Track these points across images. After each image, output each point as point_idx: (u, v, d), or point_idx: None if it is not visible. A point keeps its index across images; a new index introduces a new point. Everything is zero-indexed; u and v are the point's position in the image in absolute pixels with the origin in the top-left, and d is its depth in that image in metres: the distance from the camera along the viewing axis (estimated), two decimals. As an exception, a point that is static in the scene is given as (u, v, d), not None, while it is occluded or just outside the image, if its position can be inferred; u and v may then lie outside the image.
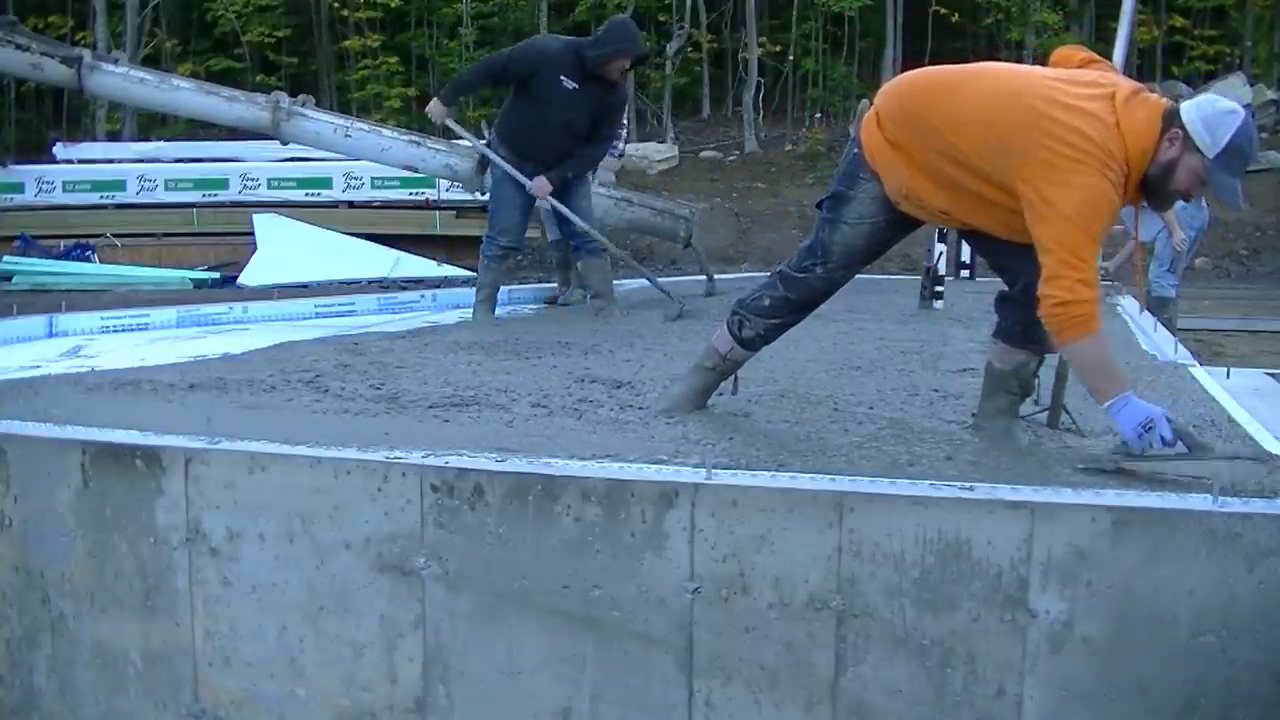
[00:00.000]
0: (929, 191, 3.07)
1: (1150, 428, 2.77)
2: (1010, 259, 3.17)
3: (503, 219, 6.27)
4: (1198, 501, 2.45)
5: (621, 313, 6.38)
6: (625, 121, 8.18)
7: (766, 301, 3.34)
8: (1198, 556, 2.38)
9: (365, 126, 8.49)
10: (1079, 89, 2.89)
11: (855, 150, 3.20)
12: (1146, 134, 2.80)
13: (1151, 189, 2.89)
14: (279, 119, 7.90)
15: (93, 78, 8.00)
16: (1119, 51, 3.33)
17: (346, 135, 8.09)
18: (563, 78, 5.97)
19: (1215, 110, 2.80)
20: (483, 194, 6.77)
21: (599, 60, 5.98)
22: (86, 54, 8.26)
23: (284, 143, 8.58)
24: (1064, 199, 2.78)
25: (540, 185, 6.17)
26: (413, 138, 8.41)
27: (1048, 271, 2.80)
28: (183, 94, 8.29)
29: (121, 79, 8.18)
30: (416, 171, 9.04)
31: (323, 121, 8.21)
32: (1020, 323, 3.19)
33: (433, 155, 8.03)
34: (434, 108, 6.23)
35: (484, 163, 6.44)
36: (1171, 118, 2.81)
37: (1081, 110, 2.82)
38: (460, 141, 6.98)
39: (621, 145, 8.13)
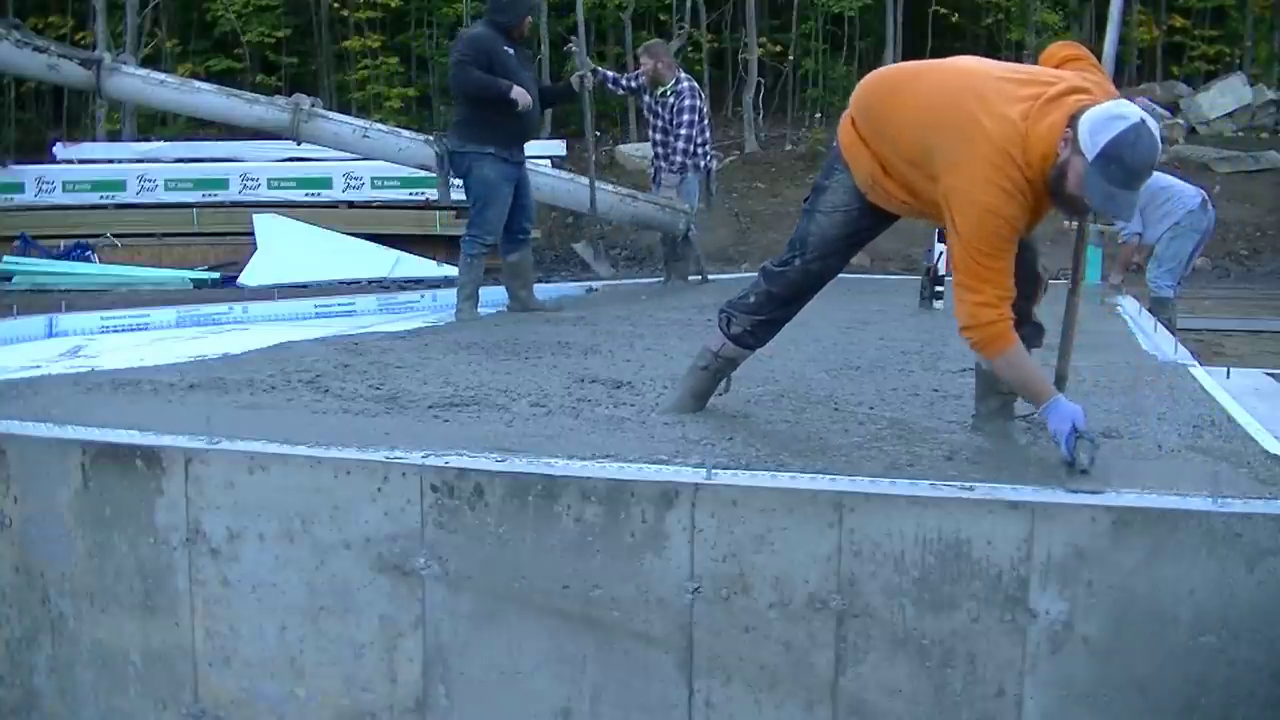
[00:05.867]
0: (890, 183, 3.11)
1: (1076, 431, 2.76)
2: None
3: (493, 217, 6.42)
4: (1198, 502, 2.45)
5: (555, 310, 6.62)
6: (705, 127, 8.33)
7: (752, 298, 3.38)
8: (1198, 556, 2.38)
9: (383, 128, 8.59)
10: (1014, 88, 2.87)
11: (835, 143, 3.27)
12: (1049, 137, 2.77)
13: (1055, 193, 2.83)
14: (299, 121, 7.96)
15: (111, 80, 8.03)
16: (1108, 49, 3.32)
17: (365, 136, 8.17)
18: (505, 49, 6.37)
19: (1105, 114, 2.72)
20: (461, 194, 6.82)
21: (514, 23, 6.43)
22: (106, 56, 8.29)
23: (299, 143, 8.63)
24: (962, 218, 2.84)
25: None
26: (429, 138, 8.48)
27: (954, 287, 2.91)
28: (204, 96, 8.34)
29: (141, 81, 8.22)
30: (433, 172, 9.11)
31: (342, 123, 8.30)
32: None
33: None
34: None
35: (442, 162, 6.50)
36: (1075, 120, 2.76)
37: (997, 113, 2.82)
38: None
39: (680, 158, 8.20)
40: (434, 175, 6.83)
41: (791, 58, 21.66)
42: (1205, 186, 8.76)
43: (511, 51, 6.38)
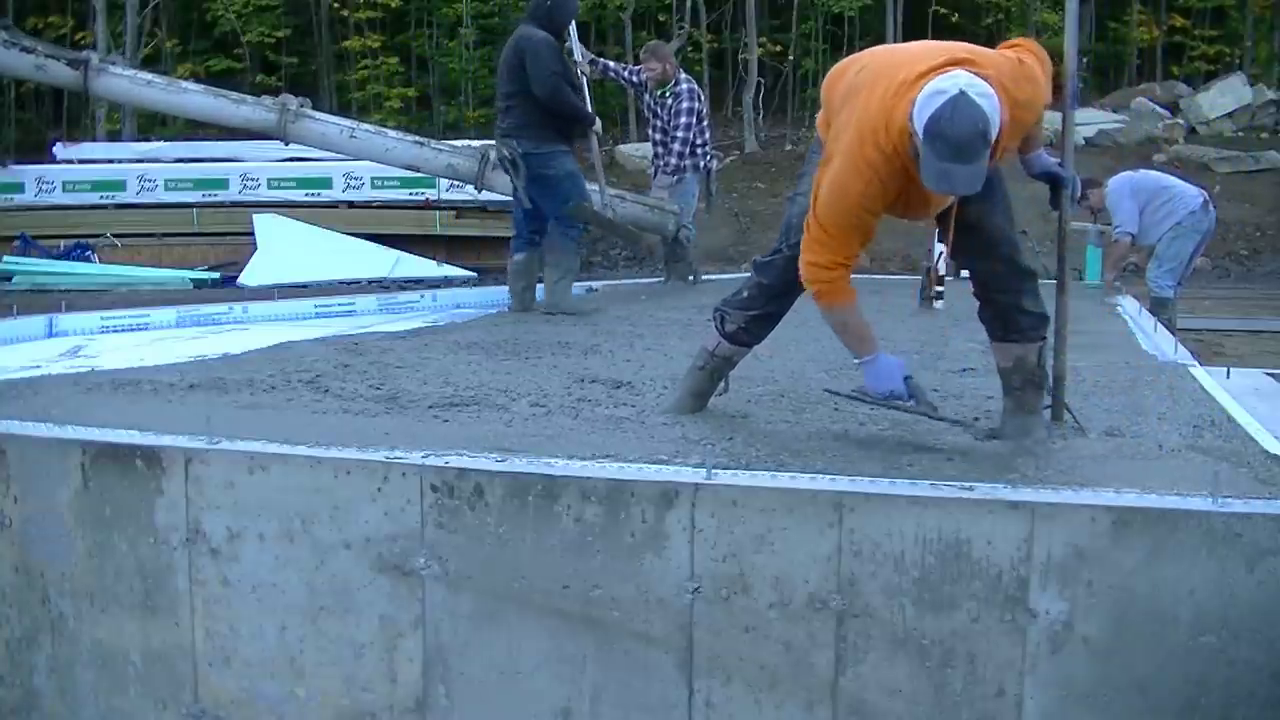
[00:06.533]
0: None
1: (892, 390, 3.10)
2: (960, 249, 3.26)
3: (576, 205, 6.61)
4: (1198, 502, 2.45)
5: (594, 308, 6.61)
6: (704, 128, 8.40)
7: (744, 294, 3.40)
8: (1198, 556, 2.38)
9: (370, 128, 8.56)
10: (914, 64, 2.89)
11: (816, 132, 3.34)
12: (904, 116, 2.80)
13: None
14: (286, 121, 7.93)
15: (99, 80, 8.00)
16: (1069, 45, 3.33)
17: (352, 136, 8.15)
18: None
19: (928, 91, 2.75)
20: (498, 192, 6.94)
21: (563, 29, 6.76)
22: (93, 56, 8.26)
23: (287, 144, 8.61)
24: (824, 182, 2.98)
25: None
26: (416, 139, 8.46)
27: (802, 242, 3.08)
28: (191, 96, 8.32)
29: (129, 81, 8.20)
30: (420, 171, 9.09)
31: (329, 124, 8.27)
32: (993, 318, 3.21)
33: (435, 155, 8.07)
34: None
35: (517, 166, 6.47)
36: None
37: (878, 93, 2.89)
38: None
39: (675, 160, 8.19)
40: (423, 176, 6.86)
41: (791, 58, 21.68)
42: (1205, 186, 8.76)
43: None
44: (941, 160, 2.71)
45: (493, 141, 6.83)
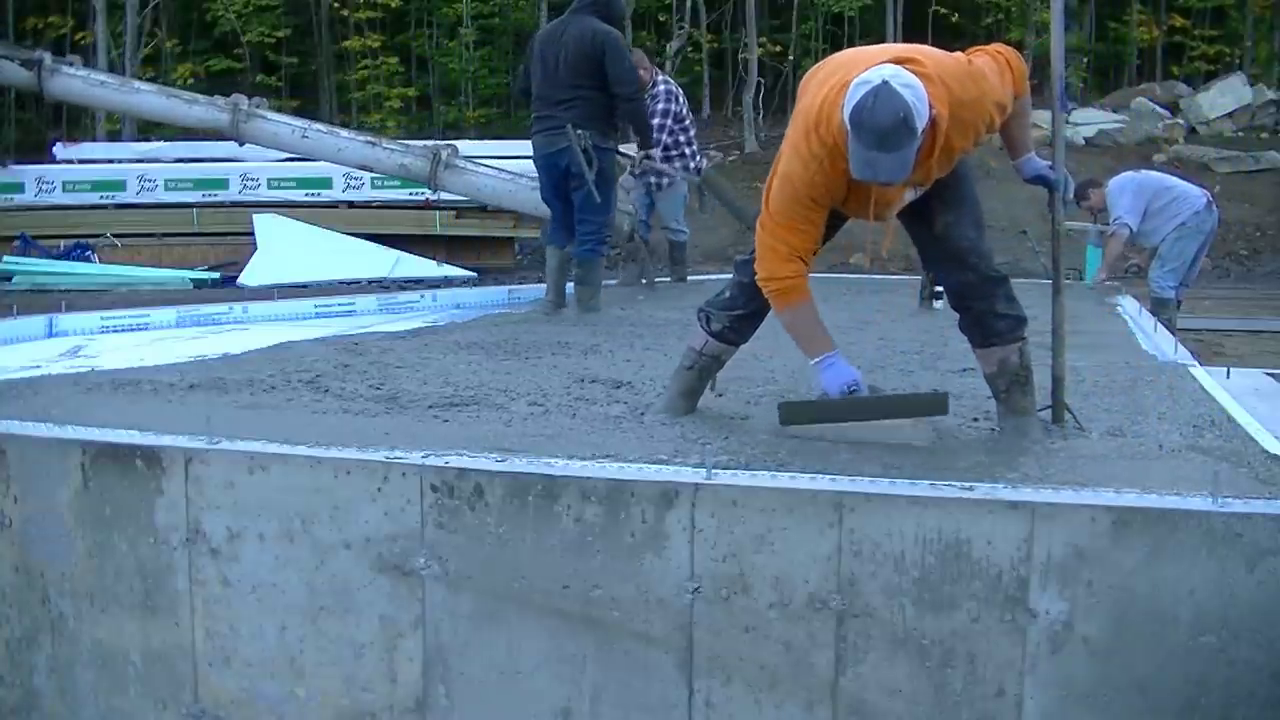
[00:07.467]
0: None
1: (853, 389, 3.15)
2: (931, 260, 3.30)
3: (611, 213, 6.52)
4: (1198, 502, 2.45)
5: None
6: (685, 127, 8.17)
7: (726, 294, 3.41)
8: (1198, 556, 2.38)
9: (322, 128, 8.53)
10: (865, 65, 2.92)
11: None
12: (839, 110, 2.87)
13: None
14: (238, 121, 7.91)
15: (53, 80, 7.99)
16: (1055, 45, 3.33)
17: (304, 137, 8.12)
18: None
19: (855, 83, 2.81)
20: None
21: (621, 23, 6.68)
22: (47, 57, 8.23)
23: (241, 144, 8.54)
24: (774, 182, 3.09)
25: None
26: (368, 139, 8.42)
27: (757, 243, 3.18)
28: (143, 96, 8.31)
29: (83, 82, 8.19)
30: (373, 171, 9.02)
31: (281, 124, 8.25)
32: (971, 325, 3.22)
33: (388, 155, 8.05)
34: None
35: (590, 158, 6.20)
36: None
37: (827, 87, 2.95)
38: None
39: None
40: (383, 175, 6.68)
41: (791, 58, 21.69)
42: (1207, 187, 8.76)
43: None
44: (867, 149, 2.77)
45: (448, 142, 6.74)
